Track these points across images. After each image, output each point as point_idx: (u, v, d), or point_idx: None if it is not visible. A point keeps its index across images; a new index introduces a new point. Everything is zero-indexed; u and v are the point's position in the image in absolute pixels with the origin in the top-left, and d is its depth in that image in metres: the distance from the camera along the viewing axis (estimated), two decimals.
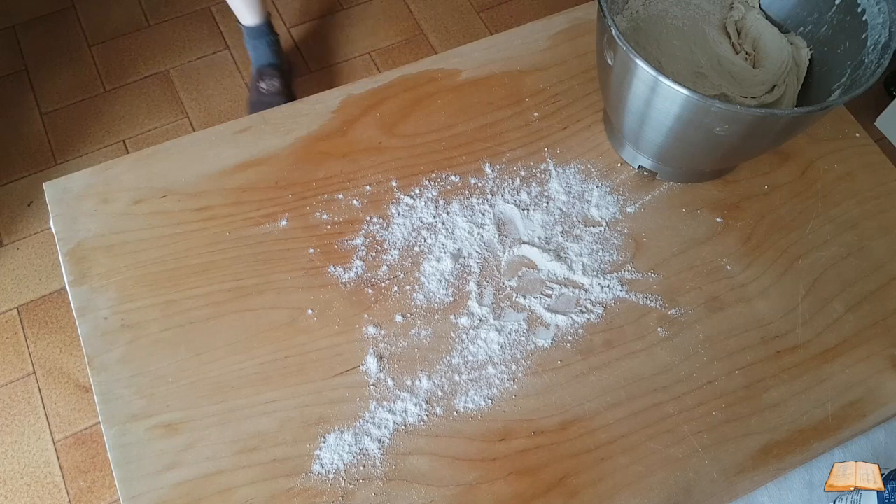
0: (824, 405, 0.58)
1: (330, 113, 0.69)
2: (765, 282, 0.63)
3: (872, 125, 1.68)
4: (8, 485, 1.27)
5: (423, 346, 0.58)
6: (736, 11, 0.67)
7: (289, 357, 0.57)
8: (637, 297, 0.61)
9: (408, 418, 0.55)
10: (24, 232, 1.52)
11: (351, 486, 0.53)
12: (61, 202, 0.63)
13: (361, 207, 0.64)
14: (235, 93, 1.69)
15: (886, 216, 0.67)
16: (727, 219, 0.66)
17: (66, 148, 1.62)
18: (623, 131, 0.64)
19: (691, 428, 0.56)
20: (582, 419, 0.56)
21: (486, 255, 0.63)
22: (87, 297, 0.59)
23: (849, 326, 0.61)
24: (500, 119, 0.69)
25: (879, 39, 0.56)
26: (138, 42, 1.77)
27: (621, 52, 0.54)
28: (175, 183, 0.64)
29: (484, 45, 0.74)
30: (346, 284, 0.60)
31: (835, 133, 0.71)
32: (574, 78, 0.72)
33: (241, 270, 0.60)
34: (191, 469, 0.53)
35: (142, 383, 0.55)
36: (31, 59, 1.74)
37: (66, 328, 1.41)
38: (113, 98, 1.69)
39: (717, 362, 0.59)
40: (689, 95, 0.51)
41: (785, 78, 0.64)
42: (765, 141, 0.58)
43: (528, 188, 0.66)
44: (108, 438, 0.54)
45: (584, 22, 0.76)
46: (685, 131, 0.57)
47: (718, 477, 0.55)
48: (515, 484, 0.53)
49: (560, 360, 0.58)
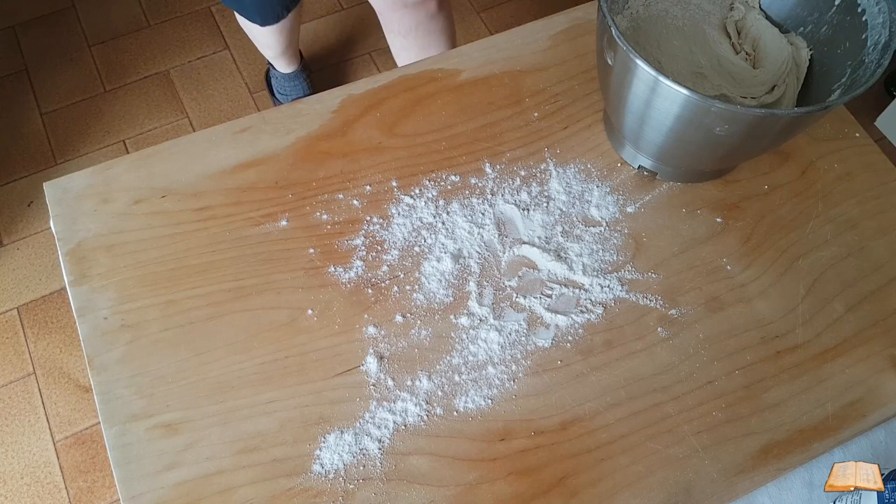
0: (824, 405, 0.58)
1: (330, 113, 0.69)
2: (765, 282, 0.63)
3: (872, 125, 1.68)
4: (8, 485, 1.27)
5: (423, 346, 0.58)
6: (736, 11, 0.68)
7: (289, 357, 0.57)
8: (637, 297, 0.61)
9: (408, 418, 0.55)
10: (24, 232, 1.52)
11: (351, 486, 0.53)
12: (61, 202, 0.63)
13: (361, 207, 0.64)
14: (235, 93, 1.69)
15: (886, 216, 0.67)
16: (727, 219, 0.66)
17: (66, 148, 1.62)
18: (623, 131, 0.64)
19: (691, 428, 0.56)
20: (582, 419, 0.56)
21: (486, 255, 0.63)
22: (87, 297, 0.59)
23: (849, 326, 0.61)
24: (500, 119, 0.69)
25: (879, 39, 0.56)
26: (138, 42, 1.77)
27: (621, 52, 0.54)
28: (175, 183, 0.64)
29: (484, 45, 0.74)
30: (346, 284, 0.60)
31: (835, 133, 0.71)
32: (574, 78, 0.72)
33: (241, 270, 0.60)
34: (191, 469, 0.53)
35: (142, 383, 0.55)
36: (31, 59, 1.74)
37: (66, 328, 1.41)
38: (113, 98, 1.69)
39: (717, 362, 0.59)
40: (689, 95, 0.51)
41: (785, 78, 0.64)
42: (765, 141, 0.58)
43: (529, 188, 0.66)
44: (108, 438, 0.54)
45: (584, 22, 0.76)
46: (685, 131, 0.57)
47: (718, 477, 0.55)
48: (515, 484, 0.53)
49: (560, 360, 0.58)
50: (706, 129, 0.55)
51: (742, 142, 0.56)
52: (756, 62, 0.66)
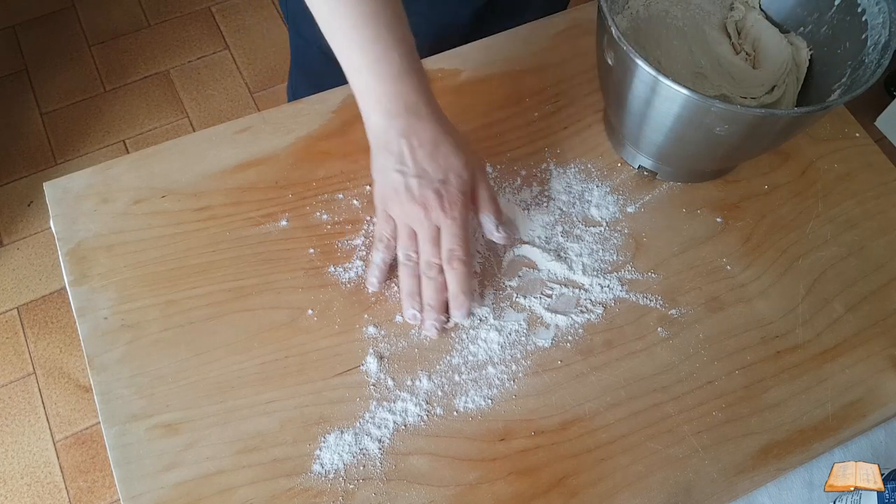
0: (824, 405, 0.58)
1: (330, 113, 0.69)
2: (765, 282, 0.63)
3: (872, 125, 1.69)
4: (8, 485, 1.27)
5: (423, 346, 0.58)
6: (736, 12, 0.68)
7: (289, 357, 0.57)
8: (637, 297, 0.61)
9: (408, 418, 0.55)
10: (24, 232, 1.52)
11: (351, 486, 0.53)
12: (61, 202, 0.63)
13: (361, 207, 0.64)
14: (235, 93, 1.69)
15: (886, 216, 0.67)
16: (727, 219, 0.66)
17: (66, 148, 1.62)
18: (623, 131, 0.64)
19: (691, 428, 0.56)
20: (582, 419, 0.56)
21: (486, 254, 0.63)
22: (87, 297, 0.59)
23: (849, 326, 0.61)
24: (500, 119, 0.69)
25: (879, 39, 0.56)
26: (138, 42, 1.77)
27: (621, 51, 0.54)
28: (175, 183, 0.64)
29: (484, 45, 0.74)
30: (346, 284, 0.60)
31: (835, 133, 0.71)
32: (574, 78, 0.72)
33: (241, 270, 0.60)
34: (191, 469, 0.53)
35: (142, 383, 0.55)
36: (31, 59, 1.74)
37: (66, 328, 1.41)
38: (113, 98, 1.69)
39: (717, 362, 0.59)
40: (689, 95, 0.51)
41: (784, 78, 0.64)
42: (765, 141, 0.58)
43: (529, 188, 0.66)
44: (108, 438, 0.54)
45: (584, 22, 0.76)
46: (685, 131, 0.57)
47: (718, 477, 0.55)
48: (515, 484, 0.53)
49: (560, 360, 0.58)
50: (706, 129, 0.55)
51: (742, 142, 0.56)
52: (756, 62, 0.66)
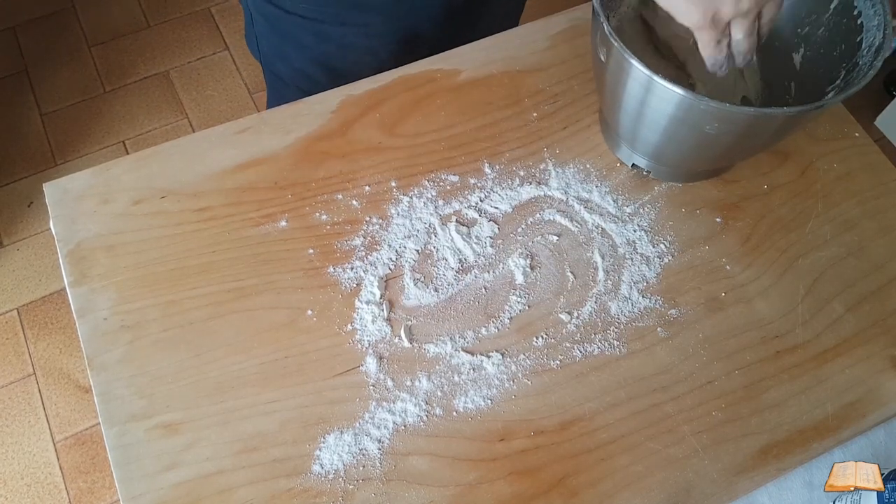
0: (824, 405, 0.58)
1: (329, 113, 0.69)
2: (765, 282, 0.63)
3: (872, 125, 1.68)
4: (8, 485, 1.27)
5: (423, 346, 0.58)
6: None
7: (289, 357, 0.57)
8: (637, 296, 0.61)
9: (407, 418, 0.55)
10: (24, 233, 1.52)
11: (351, 487, 0.53)
12: (61, 203, 0.63)
13: (361, 208, 0.64)
14: (235, 93, 1.69)
15: (886, 216, 0.67)
16: (727, 219, 0.66)
17: (66, 148, 1.62)
18: (619, 131, 0.64)
19: (691, 428, 0.56)
20: (582, 419, 0.56)
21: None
22: (86, 298, 0.59)
23: (849, 326, 0.61)
24: (499, 119, 0.69)
25: (874, 42, 0.56)
26: (138, 42, 1.77)
27: (615, 50, 0.54)
28: (175, 183, 0.64)
29: (484, 45, 0.74)
30: (345, 285, 0.60)
31: (834, 133, 0.71)
32: (574, 78, 0.72)
33: (240, 271, 0.60)
34: (191, 469, 0.53)
35: (142, 383, 0.55)
36: (31, 60, 1.74)
37: (66, 329, 1.41)
38: (113, 98, 1.69)
39: (717, 362, 0.59)
40: (683, 95, 0.52)
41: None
42: (759, 140, 0.58)
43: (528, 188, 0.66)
44: (108, 439, 0.54)
45: (584, 22, 0.76)
46: (679, 130, 0.57)
47: (718, 477, 0.55)
48: (515, 484, 0.53)
49: (560, 360, 0.58)
50: (700, 128, 0.55)
51: (736, 141, 0.56)
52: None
